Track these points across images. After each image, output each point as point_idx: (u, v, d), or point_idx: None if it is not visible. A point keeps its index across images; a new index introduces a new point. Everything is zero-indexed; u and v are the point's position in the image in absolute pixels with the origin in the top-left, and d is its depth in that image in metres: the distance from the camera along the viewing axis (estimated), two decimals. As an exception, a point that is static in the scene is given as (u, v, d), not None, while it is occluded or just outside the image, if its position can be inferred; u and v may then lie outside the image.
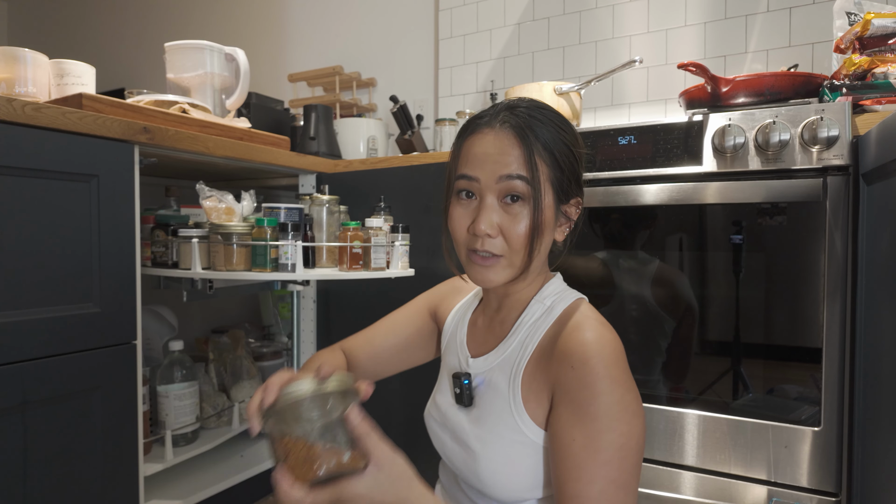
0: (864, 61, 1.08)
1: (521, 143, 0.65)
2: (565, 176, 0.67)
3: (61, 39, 3.21)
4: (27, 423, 0.90)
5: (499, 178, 0.65)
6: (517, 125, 0.65)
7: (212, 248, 1.20)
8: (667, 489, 1.11)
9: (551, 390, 0.65)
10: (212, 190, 1.24)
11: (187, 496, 1.25)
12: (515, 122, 0.66)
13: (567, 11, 1.82)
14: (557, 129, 0.67)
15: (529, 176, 0.64)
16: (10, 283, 0.88)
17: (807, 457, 1.01)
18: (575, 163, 0.69)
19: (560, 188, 0.67)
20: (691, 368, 1.13)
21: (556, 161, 0.66)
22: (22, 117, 0.89)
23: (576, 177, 0.69)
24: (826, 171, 1.00)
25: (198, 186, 1.23)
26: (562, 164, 0.67)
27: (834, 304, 0.99)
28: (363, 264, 1.24)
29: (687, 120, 1.13)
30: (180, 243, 1.24)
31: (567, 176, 0.67)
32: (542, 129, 0.66)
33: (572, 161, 0.68)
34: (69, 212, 0.96)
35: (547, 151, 0.66)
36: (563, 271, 0.79)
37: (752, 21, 1.57)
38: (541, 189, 0.65)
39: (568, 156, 0.67)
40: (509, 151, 0.65)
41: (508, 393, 0.69)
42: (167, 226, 1.29)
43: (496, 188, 0.65)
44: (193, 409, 1.34)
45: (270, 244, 1.16)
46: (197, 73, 1.44)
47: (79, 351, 0.96)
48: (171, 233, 1.27)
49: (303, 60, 2.40)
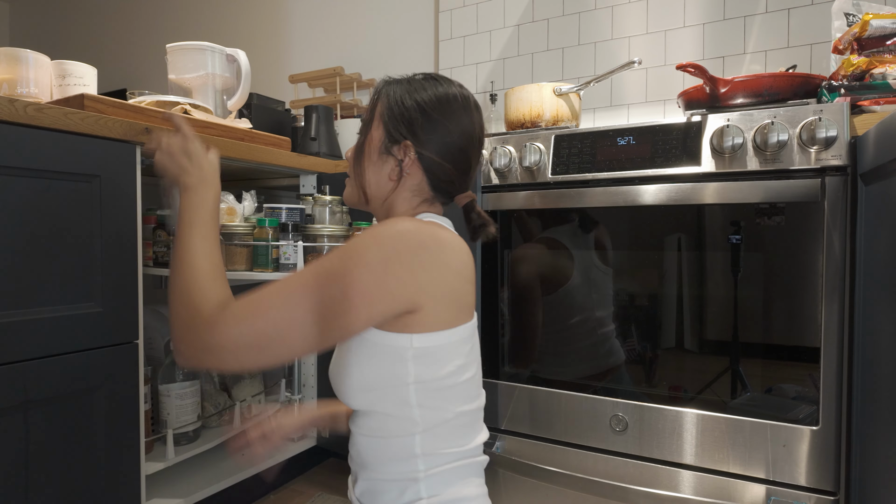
0: (862, 62, 1.08)
1: (374, 93, 0.81)
2: (399, 117, 0.77)
3: (63, 40, 3.22)
4: (29, 422, 0.90)
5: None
6: (382, 82, 0.81)
7: None
8: (666, 488, 1.12)
9: None
10: None
11: (189, 495, 1.26)
12: (384, 81, 0.81)
13: (566, 13, 1.82)
14: (409, 89, 0.78)
15: (366, 117, 0.81)
16: (12, 282, 0.89)
17: (805, 456, 1.01)
18: (415, 113, 0.76)
19: (389, 127, 0.77)
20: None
21: (392, 108, 0.77)
22: (24, 118, 0.90)
23: (408, 123, 0.76)
24: (824, 172, 1.01)
25: None
26: (396, 111, 0.77)
27: (832, 303, 1.00)
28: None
29: (685, 120, 1.14)
30: None
31: (399, 120, 0.77)
32: (396, 87, 0.79)
33: (411, 111, 0.76)
34: (71, 212, 0.96)
35: (388, 100, 0.78)
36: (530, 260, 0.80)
37: (750, 22, 1.57)
38: (371, 125, 0.79)
39: (407, 107, 0.77)
40: (368, 103, 0.83)
41: None
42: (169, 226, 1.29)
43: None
44: (195, 408, 1.34)
45: (272, 244, 1.17)
46: (198, 73, 1.44)
47: (81, 350, 0.97)
48: (172, 233, 1.27)
49: (304, 61, 2.40)
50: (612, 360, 1.22)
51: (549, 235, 1.29)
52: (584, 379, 1.24)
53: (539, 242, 1.31)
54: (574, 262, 1.26)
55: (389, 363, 0.67)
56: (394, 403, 0.68)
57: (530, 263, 1.31)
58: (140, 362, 1.07)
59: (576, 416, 1.22)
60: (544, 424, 1.26)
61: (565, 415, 1.24)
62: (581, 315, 1.25)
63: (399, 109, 0.77)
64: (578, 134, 1.25)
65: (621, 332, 1.21)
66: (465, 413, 0.71)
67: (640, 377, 1.19)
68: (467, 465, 0.72)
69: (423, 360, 0.67)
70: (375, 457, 0.71)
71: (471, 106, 0.80)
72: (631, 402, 1.17)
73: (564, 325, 1.27)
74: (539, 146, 1.26)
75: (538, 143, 1.27)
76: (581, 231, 1.26)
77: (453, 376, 0.70)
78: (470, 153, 0.79)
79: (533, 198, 1.27)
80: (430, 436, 0.69)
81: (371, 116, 0.80)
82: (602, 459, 1.19)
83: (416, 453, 0.69)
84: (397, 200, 0.79)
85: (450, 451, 0.70)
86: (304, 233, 1.29)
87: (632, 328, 1.20)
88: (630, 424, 1.17)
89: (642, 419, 1.16)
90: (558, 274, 1.27)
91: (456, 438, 0.71)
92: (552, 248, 1.29)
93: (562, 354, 1.27)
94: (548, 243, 1.30)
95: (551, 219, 1.29)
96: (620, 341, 1.21)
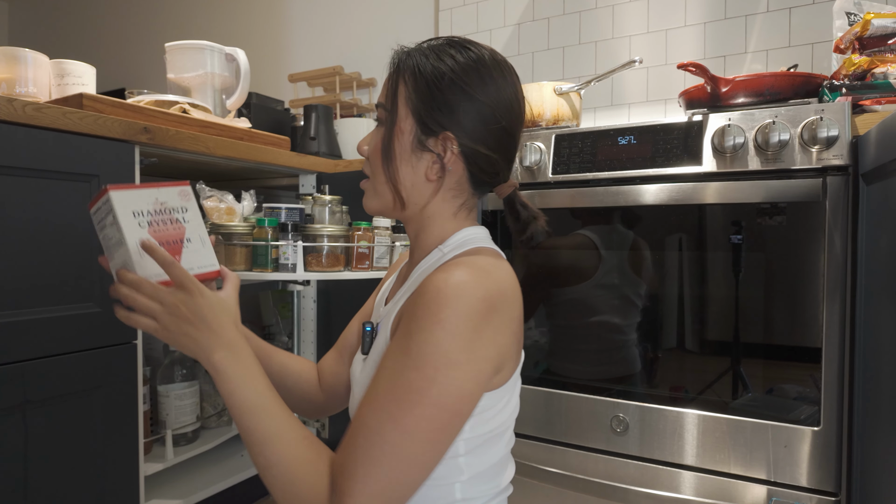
0: (863, 61, 1.08)
1: (392, 71, 0.66)
2: (432, 103, 0.63)
3: (62, 39, 3.22)
4: (28, 422, 0.90)
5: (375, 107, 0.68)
6: (399, 55, 0.67)
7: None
8: (666, 489, 1.12)
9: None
10: (212, 190, 1.24)
11: (188, 496, 1.26)
12: (401, 54, 0.67)
13: (567, 12, 1.82)
14: (437, 62, 0.64)
15: (386, 101, 0.66)
16: (10, 282, 0.88)
17: (806, 456, 1.01)
18: (453, 94, 0.63)
19: (422, 115, 0.64)
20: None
21: (421, 91, 0.63)
22: (22, 117, 0.89)
23: (447, 109, 0.63)
24: (825, 172, 1.01)
25: (198, 186, 1.23)
26: (428, 94, 0.63)
27: (833, 303, 1.00)
28: (369, 264, 1.25)
29: (686, 120, 1.14)
30: None
31: (434, 106, 0.63)
32: (419, 56, 0.65)
33: (447, 92, 0.63)
34: (70, 212, 0.96)
35: (415, 79, 0.64)
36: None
37: (751, 21, 1.57)
38: (397, 112, 0.64)
39: (442, 87, 0.63)
40: (385, 83, 0.68)
41: (389, 335, 0.65)
42: None
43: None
44: (194, 409, 1.34)
45: (271, 244, 1.16)
46: (197, 73, 1.44)
47: (79, 350, 0.97)
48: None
49: (303, 61, 2.40)
50: (619, 360, 1.21)
51: (582, 232, 1.26)
52: (589, 379, 1.24)
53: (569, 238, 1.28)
54: (601, 261, 1.26)
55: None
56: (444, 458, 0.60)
57: (539, 262, 1.31)
58: (139, 363, 1.07)
59: (576, 417, 1.22)
60: (545, 425, 1.26)
61: (566, 416, 1.24)
62: (596, 317, 1.24)
63: (432, 91, 0.63)
64: (579, 133, 1.24)
65: (623, 333, 1.21)
66: (505, 453, 0.67)
67: (641, 377, 1.18)
68: (498, 502, 0.67)
69: (481, 415, 0.60)
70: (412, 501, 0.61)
71: (507, 71, 0.66)
72: (632, 403, 1.17)
73: (581, 323, 1.26)
74: (539, 145, 1.26)
75: (538, 143, 1.26)
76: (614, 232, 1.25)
77: (506, 422, 0.64)
78: (515, 132, 0.67)
79: (533, 197, 1.27)
80: (472, 481, 0.63)
81: (395, 102, 0.65)
82: (603, 460, 1.19)
83: (455, 499, 0.62)
84: (437, 205, 0.67)
85: (487, 491, 0.65)
86: (304, 233, 1.29)
87: (632, 328, 1.20)
88: (631, 425, 1.16)
89: (643, 420, 1.15)
90: (569, 273, 1.27)
91: (493, 478, 0.65)
92: (576, 248, 1.28)
93: (574, 353, 1.27)
94: (576, 240, 1.26)
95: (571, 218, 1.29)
96: (624, 342, 1.21)
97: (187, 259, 0.67)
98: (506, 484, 0.68)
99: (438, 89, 0.63)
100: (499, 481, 0.66)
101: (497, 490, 0.66)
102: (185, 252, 0.67)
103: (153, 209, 0.65)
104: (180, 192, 0.68)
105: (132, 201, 0.63)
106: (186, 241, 0.68)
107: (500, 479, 0.67)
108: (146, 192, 0.65)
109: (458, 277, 0.55)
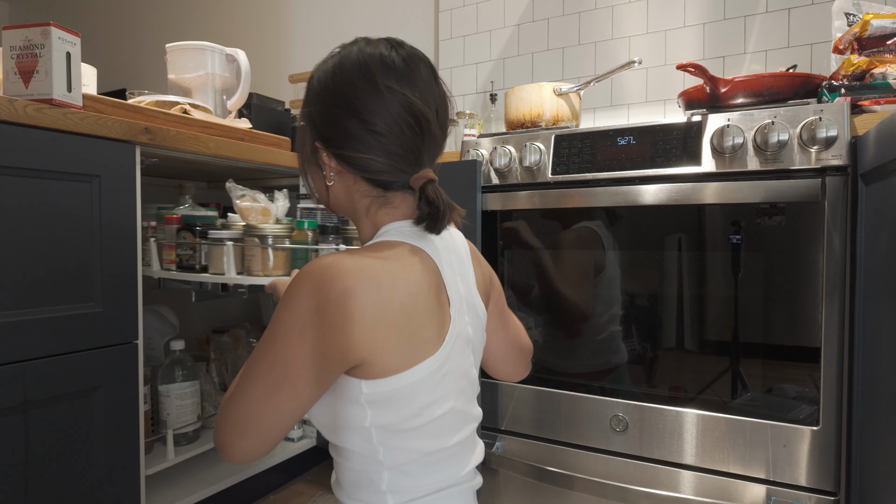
0: (862, 62, 1.08)
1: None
2: (305, 114, 0.66)
3: (62, 40, 3.22)
4: (29, 422, 0.90)
5: None
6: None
7: (247, 252, 1.14)
8: (666, 488, 1.12)
9: None
10: (243, 189, 1.18)
11: (188, 495, 1.26)
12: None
13: (566, 12, 1.82)
14: (314, 72, 0.66)
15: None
16: (12, 282, 0.89)
17: (805, 456, 1.01)
18: (315, 104, 0.64)
19: (306, 131, 0.67)
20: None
21: (310, 99, 0.66)
22: (23, 118, 0.89)
23: (310, 117, 0.65)
24: (825, 172, 1.01)
25: (228, 185, 1.19)
26: (304, 108, 0.66)
27: (832, 303, 1.00)
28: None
29: (686, 120, 1.14)
30: (211, 246, 1.16)
31: (306, 115, 0.66)
32: (314, 72, 0.67)
33: (311, 102, 0.65)
34: (71, 212, 0.96)
35: (309, 91, 0.66)
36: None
37: (750, 22, 1.57)
38: (297, 127, 0.68)
39: (310, 98, 0.65)
40: None
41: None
42: (193, 227, 1.21)
43: None
44: (195, 409, 1.34)
45: (311, 248, 1.12)
46: (198, 73, 1.44)
47: (80, 350, 0.97)
48: (199, 234, 1.20)
49: (303, 61, 2.40)
50: (616, 358, 1.22)
51: (587, 225, 1.26)
52: (586, 377, 1.24)
53: (570, 233, 1.27)
54: (606, 257, 1.26)
55: (344, 405, 0.60)
56: (357, 442, 0.61)
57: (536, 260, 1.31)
58: (139, 362, 1.07)
59: (576, 417, 1.22)
60: (544, 425, 1.26)
61: (565, 415, 1.24)
62: (596, 315, 1.25)
63: (306, 103, 0.66)
64: (578, 134, 1.25)
65: (623, 333, 1.21)
66: (438, 451, 0.64)
67: (641, 377, 1.19)
68: (447, 496, 0.66)
69: (377, 404, 0.59)
70: (348, 482, 0.65)
71: (378, 70, 0.62)
72: (631, 403, 1.17)
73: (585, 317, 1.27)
74: (539, 146, 1.26)
75: (538, 143, 1.27)
76: (605, 228, 1.25)
77: (418, 417, 0.61)
78: (400, 130, 0.62)
79: (533, 198, 1.27)
80: (397, 473, 0.62)
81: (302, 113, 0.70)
82: (602, 460, 1.19)
83: (382, 489, 0.63)
84: (354, 206, 0.68)
85: (424, 485, 0.64)
86: (345, 235, 1.23)
87: (632, 328, 1.20)
88: (630, 424, 1.17)
89: (643, 419, 1.15)
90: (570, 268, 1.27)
91: (431, 474, 0.64)
92: (576, 244, 1.29)
93: (569, 348, 1.27)
94: (581, 233, 1.26)
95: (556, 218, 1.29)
96: (624, 342, 1.21)
97: None
98: (454, 478, 0.66)
99: (308, 100, 0.66)
100: (440, 476, 0.65)
101: (440, 484, 0.65)
102: None
103: None
104: None
105: None
106: None
107: (441, 475, 0.65)
108: None
109: (319, 260, 0.59)
